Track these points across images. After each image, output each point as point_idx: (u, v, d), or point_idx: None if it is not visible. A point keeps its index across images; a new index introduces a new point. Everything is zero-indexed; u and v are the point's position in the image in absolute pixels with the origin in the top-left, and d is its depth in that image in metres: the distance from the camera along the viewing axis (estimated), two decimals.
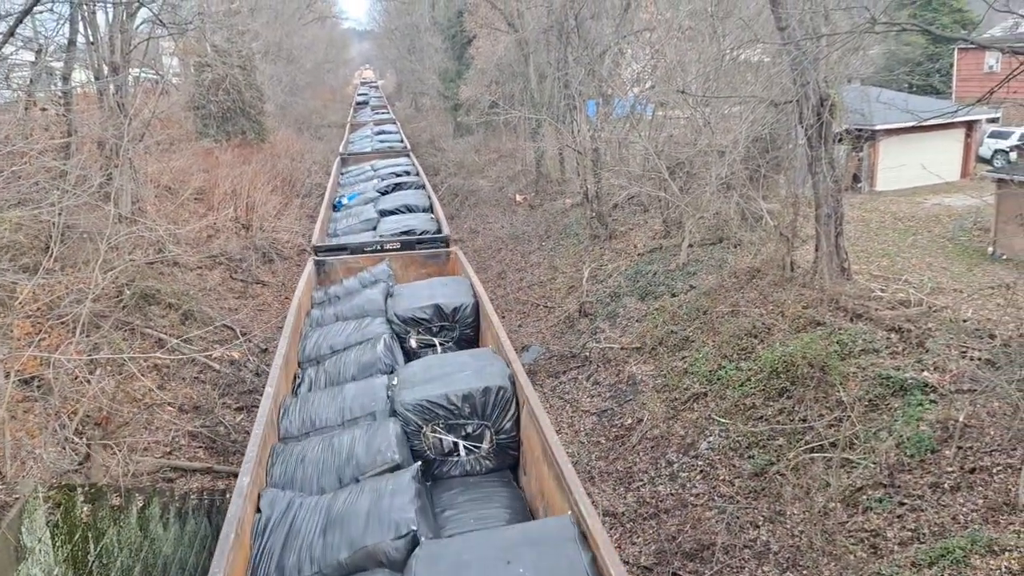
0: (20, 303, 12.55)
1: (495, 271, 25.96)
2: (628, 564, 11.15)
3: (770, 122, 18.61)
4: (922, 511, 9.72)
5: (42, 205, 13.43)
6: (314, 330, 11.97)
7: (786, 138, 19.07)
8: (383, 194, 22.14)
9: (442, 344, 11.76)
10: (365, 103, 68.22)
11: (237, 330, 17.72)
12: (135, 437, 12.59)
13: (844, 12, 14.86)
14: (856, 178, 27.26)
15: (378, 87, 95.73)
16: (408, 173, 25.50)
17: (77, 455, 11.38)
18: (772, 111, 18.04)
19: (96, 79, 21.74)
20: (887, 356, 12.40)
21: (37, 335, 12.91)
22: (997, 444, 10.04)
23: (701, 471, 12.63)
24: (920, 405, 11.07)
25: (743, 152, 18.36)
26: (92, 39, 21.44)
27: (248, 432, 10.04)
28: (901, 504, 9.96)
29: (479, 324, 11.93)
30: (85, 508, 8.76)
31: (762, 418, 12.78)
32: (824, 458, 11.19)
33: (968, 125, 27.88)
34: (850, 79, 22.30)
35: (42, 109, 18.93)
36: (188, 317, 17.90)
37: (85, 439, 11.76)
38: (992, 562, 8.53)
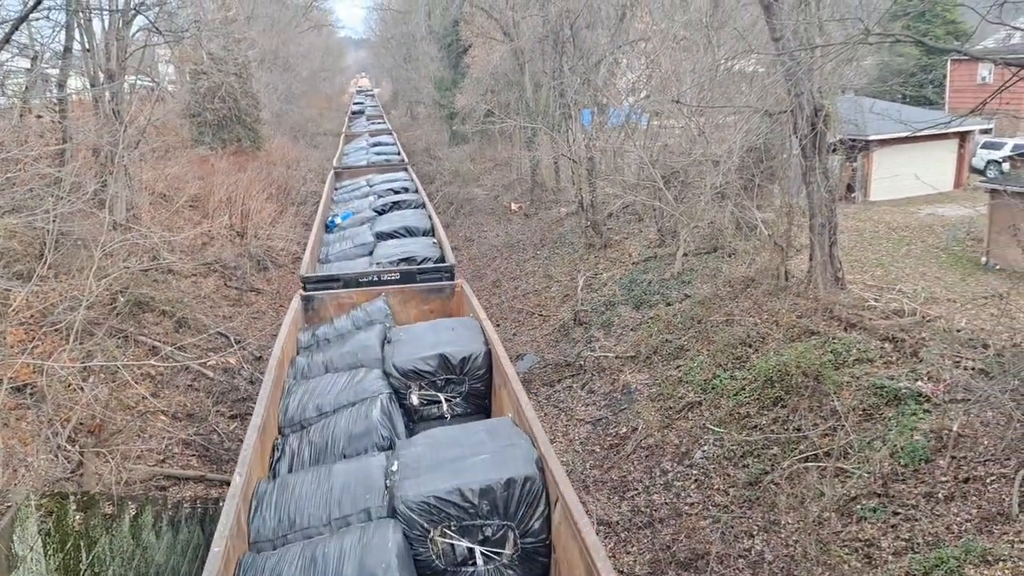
0: (13, 310, 12.51)
1: (490, 279, 25.96)
2: (623, 574, 11.13)
3: (764, 132, 18.68)
4: (916, 521, 9.73)
5: (37, 212, 13.43)
6: (299, 384, 10.36)
7: (780, 148, 19.14)
8: (380, 213, 20.83)
9: (448, 400, 10.30)
10: (361, 112, 68.06)
11: (231, 338, 17.69)
12: (128, 445, 12.54)
13: (838, 23, 14.94)
14: (850, 188, 27.37)
15: (374, 95, 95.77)
16: (407, 189, 24.24)
17: (70, 463, 11.34)
18: (766, 121, 18.11)
19: (92, 86, 21.75)
20: (881, 366, 12.43)
21: (30, 342, 12.87)
22: (991, 454, 10.06)
23: (696, 480, 12.62)
24: (914, 415, 11.09)
25: (738, 162, 18.41)
26: (88, 46, 21.46)
27: (241, 439, 9.86)
28: (895, 514, 9.97)
29: (491, 376, 10.45)
30: (77, 516, 8.72)
31: (756, 427, 12.79)
32: (818, 467, 11.20)
33: (961, 136, 28.05)
34: (844, 90, 22.40)
35: (37, 116, 18.93)
36: (182, 325, 17.86)
37: (78, 447, 11.71)
38: (986, 572, 8.54)
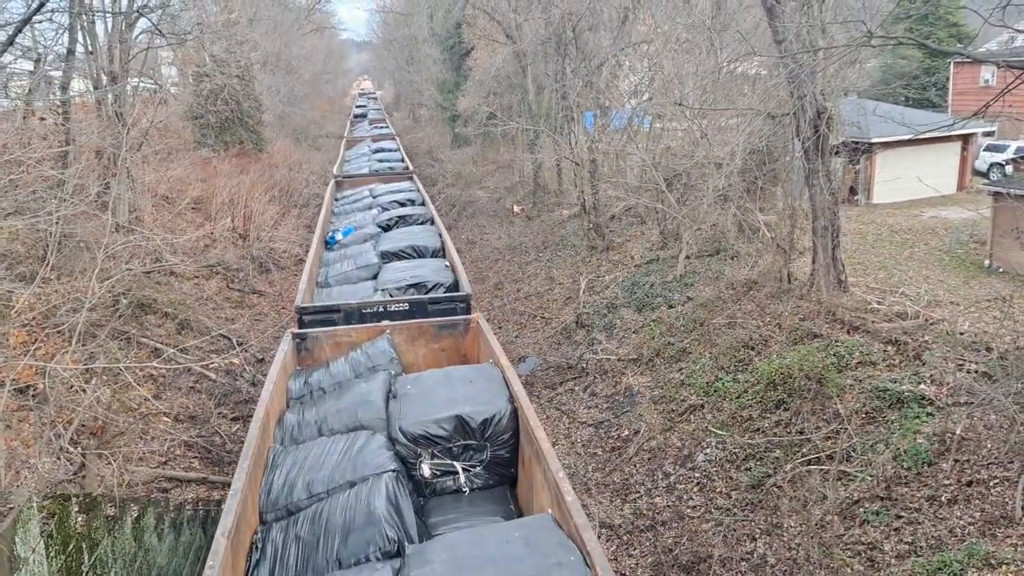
0: (16, 312, 12.54)
1: (492, 282, 25.95)
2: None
3: (767, 134, 18.67)
4: (919, 524, 9.70)
5: (39, 214, 13.44)
6: (286, 452, 8.69)
7: (783, 150, 19.13)
8: (384, 229, 19.29)
9: (466, 470, 8.78)
10: (363, 116, 67.73)
11: (234, 340, 17.70)
12: (130, 447, 12.55)
13: (841, 25, 14.93)
14: (853, 191, 27.35)
15: (376, 98, 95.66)
16: (413, 201, 22.80)
17: (72, 465, 11.34)
18: (769, 123, 18.11)
19: (95, 88, 21.79)
20: (884, 368, 12.41)
21: (33, 344, 12.89)
22: (994, 457, 10.04)
23: (698, 483, 12.60)
24: (917, 418, 11.07)
25: (740, 164, 18.41)
26: (91, 48, 21.50)
27: (242, 441, 9.73)
28: (898, 517, 9.95)
29: (517, 440, 8.94)
30: (80, 518, 8.72)
31: (759, 430, 12.77)
32: (821, 470, 11.18)
33: (964, 138, 28.02)
34: (847, 92, 22.39)
35: (40, 118, 18.97)
36: (184, 327, 17.88)
37: (80, 449, 11.71)
38: (989, 575, 8.51)
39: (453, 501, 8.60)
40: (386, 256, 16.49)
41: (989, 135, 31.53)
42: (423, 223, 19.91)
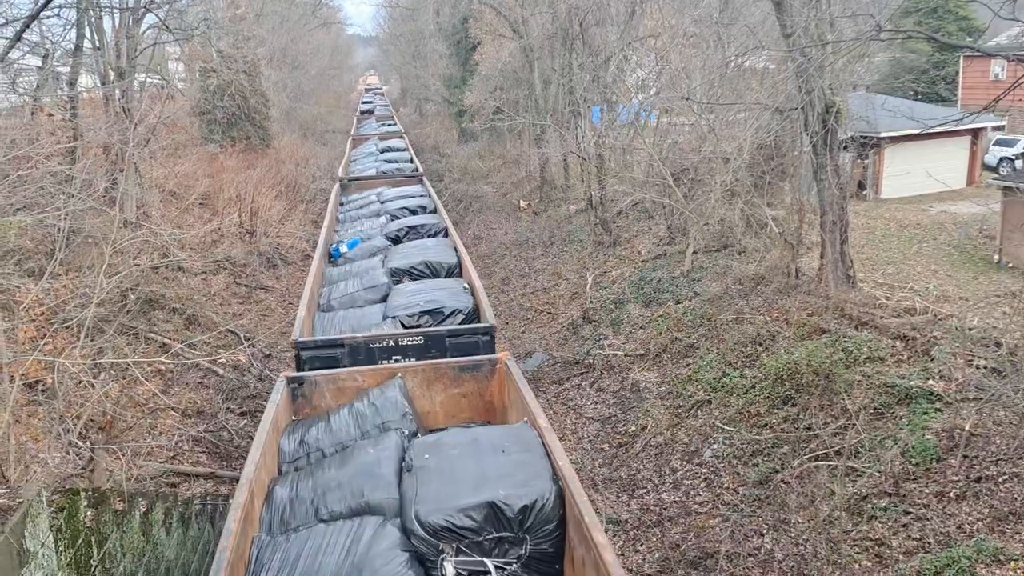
0: (25, 307, 12.60)
1: (499, 277, 25.96)
2: (632, 572, 11.11)
3: (775, 129, 18.59)
4: (927, 520, 9.68)
5: (48, 209, 13.50)
6: (274, 547, 6.79)
7: (791, 145, 19.06)
8: (394, 241, 17.50)
9: (500, 569, 6.88)
10: (370, 112, 66.87)
11: (241, 335, 17.75)
12: (138, 442, 12.61)
13: (849, 19, 14.84)
14: (861, 185, 27.24)
15: (383, 93, 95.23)
16: (424, 208, 20.91)
17: (81, 459, 11.41)
18: (777, 118, 18.03)
19: (102, 84, 21.86)
20: (892, 364, 12.37)
21: (42, 339, 12.96)
22: (1003, 453, 10.00)
23: (705, 479, 12.59)
24: (925, 414, 11.04)
25: (748, 159, 18.35)
26: (98, 44, 21.55)
27: (251, 437, 9.60)
28: (906, 513, 9.92)
29: (564, 532, 7.02)
30: (88, 512, 8.76)
31: (766, 426, 12.75)
32: (829, 466, 11.15)
33: (974, 133, 27.86)
34: (855, 86, 22.27)
35: (48, 114, 19.05)
36: (192, 322, 17.95)
37: (89, 443, 11.78)
38: (998, 572, 8.49)
39: None
40: (396, 274, 14.56)
41: (999, 129, 31.32)
42: (436, 234, 18.12)
